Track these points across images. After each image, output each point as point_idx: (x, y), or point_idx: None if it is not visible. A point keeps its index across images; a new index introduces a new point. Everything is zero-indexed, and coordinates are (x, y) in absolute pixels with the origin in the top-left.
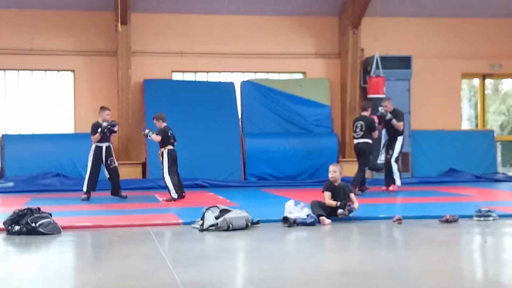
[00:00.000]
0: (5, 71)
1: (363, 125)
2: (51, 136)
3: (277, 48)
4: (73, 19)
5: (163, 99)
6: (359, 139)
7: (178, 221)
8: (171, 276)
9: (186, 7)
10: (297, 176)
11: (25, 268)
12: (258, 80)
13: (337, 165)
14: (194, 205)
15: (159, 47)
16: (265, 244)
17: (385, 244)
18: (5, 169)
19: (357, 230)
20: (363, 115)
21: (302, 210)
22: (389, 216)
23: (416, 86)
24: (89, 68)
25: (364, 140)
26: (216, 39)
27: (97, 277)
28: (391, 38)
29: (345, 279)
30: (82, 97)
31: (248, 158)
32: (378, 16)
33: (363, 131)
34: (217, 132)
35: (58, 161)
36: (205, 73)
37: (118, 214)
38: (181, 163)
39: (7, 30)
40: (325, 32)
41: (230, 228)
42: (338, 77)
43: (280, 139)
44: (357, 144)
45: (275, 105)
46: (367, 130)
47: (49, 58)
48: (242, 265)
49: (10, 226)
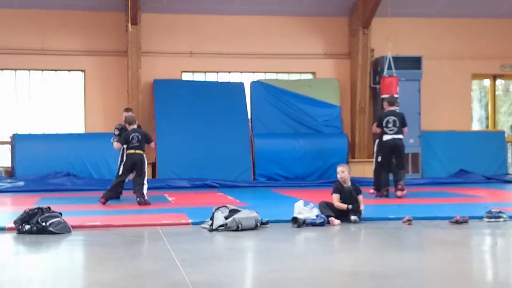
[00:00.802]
0: (16, 71)
1: (396, 120)
2: (61, 135)
3: (287, 49)
4: (83, 20)
5: (173, 99)
6: (394, 135)
7: (188, 221)
8: (180, 276)
9: (196, 7)
10: (307, 176)
11: (35, 267)
12: (267, 81)
13: (345, 166)
14: (204, 205)
15: (169, 47)
16: (275, 245)
17: (395, 245)
18: (16, 169)
19: (367, 231)
20: (392, 110)
21: (312, 210)
22: (399, 217)
23: (427, 87)
24: (100, 68)
25: (400, 136)
26: (226, 39)
27: (107, 276)
28: (401, 39)
29: (355, 280)
30: (92, 97)
31: (257, 159)
32: (389, 16)
33: (396, 126)
34: (227, 132)
35: (68, 161)
36: (215, 73)
37: (128, 214)
38: (191, 163)
39: (18, 30)
40: (335, 33)
41: (239, 228)
42: (348, 77)
43: (290, 140)
44: (392, 140)
45: (285, 106)
46: (400, 126)
47: (59, 58)
48: (251, 265)
49: (21, 225)
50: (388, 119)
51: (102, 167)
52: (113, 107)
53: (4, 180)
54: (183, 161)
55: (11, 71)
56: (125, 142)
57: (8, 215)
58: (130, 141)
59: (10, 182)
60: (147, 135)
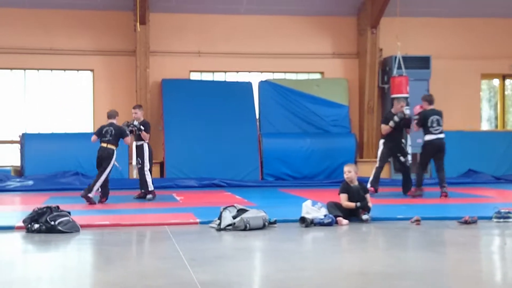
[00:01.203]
0: (25, 71)
1: (439, 119)
2: (70, 135)
3: (295, 48)
4: (92, 19)
5: (181, 98)
6: (438, 135)
7: (196, 221)
8: (188, 275)
9: (204, 7)
10: (315, 176)
11: (44, 266)
12: (275, 80)
13: (351, 165)
14: (212, 205)
15: (177, 47)
16: (283, 244)
17: (403, 245)
18: (25, 168)
19: (375, 231)
20: (433, 109)
21: (320, 210)
22: (407, 217)
23: (435, 87)
24: (108, 67)
25: (443, 135)
26: (234, 39)
27: (115, 275)
28: (410, 38)
29: (364, 280)
30: (101, 97)
31: (265, 158)
32: (397, 16)
33: (440, 125)
34: (235, 132)
35: (77, 160)
36: (223, 73)
37: (136, 213)
38: (199, 163)
39: (27, 30)
40: (344, 32)
41: (247, 228)
42: (356, 77)
43: (298, 139)
44: (437, 140)
45: (293, 105)
46: (442, 125)
47: (68, 57)
48: (259, 265)
49: (30, 224)
50: (432, 118)
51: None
52: (122, 107)
53: (13, 179)
54: (191, 160)
55: (20, 71)
56: (99, 136)
57: (17, 214)
58: (104, 135)
59: (19, 181)
60: (122, 130)
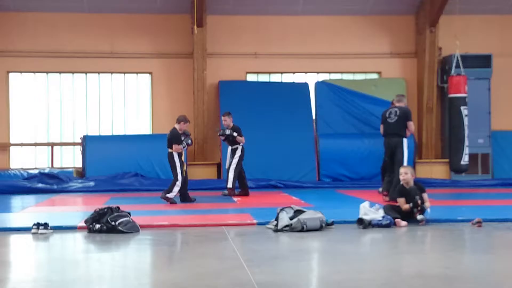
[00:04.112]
0: (87, 74)
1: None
2: (129, 137)
3: (352, 48)
4: (151, 23)
5: (238, 100)
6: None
7: (253, 221)
8: (246, 275)
9: (261, 9)
10: (372, 177)
11: (105, 266)
12: (332, 81)
13: (407, 167)
14: (269, 206)
15: (234, 49)
16: (340, 246)
17: (464, 247)
18: (86, 169)
19: (435, 233)
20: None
21: (378, 211)
22: (468, 219)
23: (497, 86)
24: (166, 70)
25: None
26: (290, 40)
27: (174, 275)
28: (470, 36)
29: (423, 283)
30: (159, 99)
31: (322, 159)
32: (457, 13)
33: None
34: (291, 133)
35: (136, 161)
36: (279, 74)
37: (194, 214)
38: (256, 164)
39: (88, 34)
40: (401, 31)
41: (304, 229)
42: (415, 76)
43: (355, 140)
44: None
45: (350, 106)
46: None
47: (127, 61)
48: (316, 266)
49: (91, 224)
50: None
51: (168, 168)
52: (179, 109)
53: (76, 180)
54: (247, 161)
55: (81, 74)
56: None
57: (79, 215)
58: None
59: (81, 182)
60: (173, 137)
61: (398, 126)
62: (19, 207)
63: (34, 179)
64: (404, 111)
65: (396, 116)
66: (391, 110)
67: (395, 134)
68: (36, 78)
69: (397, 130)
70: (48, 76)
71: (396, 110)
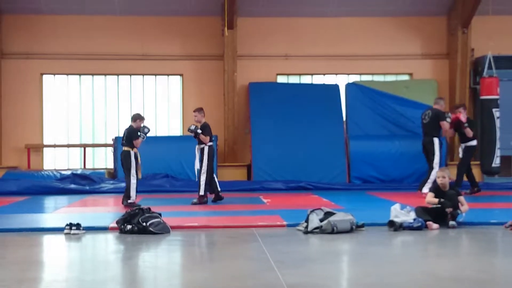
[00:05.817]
0: (118, 76)
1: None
2: (160, 138)
3: (383, 50)
4: (181, 25)
5: (268, 101)
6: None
7: (283, 223)
8: (276, 277)
9: (292, 10)
10: (403, 179)
11: (135, 266)
12: (363, 82)
13: (446, 170)
14: (299, 207)
15: (264, 51)
16: (371, 248)
17: (497, 250)
18: (118, 170)
19: (468, 236)
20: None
21: (409, 214)
22: (501, 222)
23: None
24: (197, 72)
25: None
26: (320, 41)
27: (204, 276)
28: (503, 37)
29: (456, 286)
30: (190, 100)
31: (352, 161)
32: (490, 14)
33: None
34: (322, 134)
35: (167, 163)
36: (310, 76)
37: (224, 215)
38: (286, 165)
39: (120, 37)
40: (433, 32)
41: (334, 231)
42: (447, 78)
43: (386, 142)
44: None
45: (381, 107)
46: None
47: (159, 63)
48: (347, 268)
49: (123, 225)
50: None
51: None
52: (210, 110)
53: (107, 181)
54: (278, 163)
55: (113, 76)
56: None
57: (111, 215)
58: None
59: (112, 183)
60: (131, 132)
61: (430, 126)
62: (52, 208)
63: (67, 180)
64: (436, 113)
65: (429, 118)
66: (426, 112)
67: (427, 134)
68: (68, 80)
69: (429, 130)
70: (80, 78)
71: (429, 111)
